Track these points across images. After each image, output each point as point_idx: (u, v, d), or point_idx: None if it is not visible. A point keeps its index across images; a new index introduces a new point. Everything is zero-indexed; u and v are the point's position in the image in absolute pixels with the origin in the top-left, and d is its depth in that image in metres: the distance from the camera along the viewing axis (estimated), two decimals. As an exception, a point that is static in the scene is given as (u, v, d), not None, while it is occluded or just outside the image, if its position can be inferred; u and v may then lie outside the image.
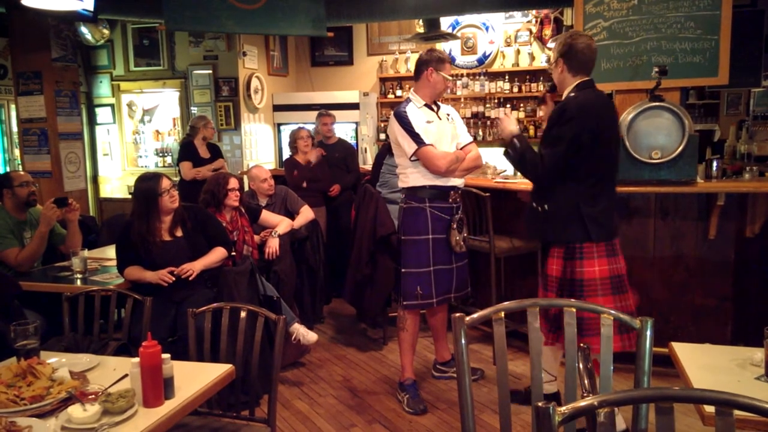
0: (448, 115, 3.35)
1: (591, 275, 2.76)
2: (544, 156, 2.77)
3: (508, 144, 2.94)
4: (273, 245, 4.04)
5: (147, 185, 3.23)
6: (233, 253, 3.70)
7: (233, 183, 3.94)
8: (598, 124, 2.74)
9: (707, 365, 1.82)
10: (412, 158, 3.17)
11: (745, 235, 3.53)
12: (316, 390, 3.65)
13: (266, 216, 4.23)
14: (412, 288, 3.30)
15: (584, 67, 2.82)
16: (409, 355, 3.45)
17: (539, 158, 2.80)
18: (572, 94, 2.80)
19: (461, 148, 3.31)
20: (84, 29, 6.27)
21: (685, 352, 1.92)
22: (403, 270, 3.33)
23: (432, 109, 3.27)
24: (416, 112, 3.21)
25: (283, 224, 4.17)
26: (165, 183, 3.24)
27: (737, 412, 1.10)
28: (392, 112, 3.27)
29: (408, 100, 3.28)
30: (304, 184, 5.12)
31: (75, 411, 1.64)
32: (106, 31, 6.50)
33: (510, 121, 3.00)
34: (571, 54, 2.80)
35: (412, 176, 3.25)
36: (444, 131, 3.26)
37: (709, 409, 1.47)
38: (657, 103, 3.40)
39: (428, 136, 3.16)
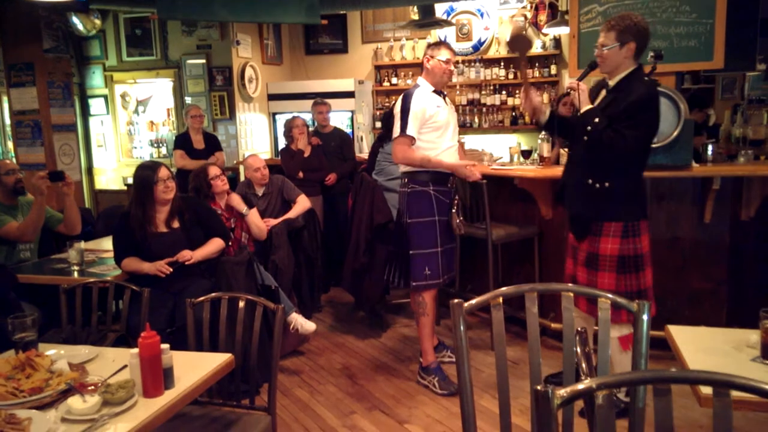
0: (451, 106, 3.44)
1: (647, 248, 2.90)
2: (628, 137, 2.70)
3: (586, 116, 2.80)
4: (270, 222, 4.19)
5: (145, 173, 3.23)
6: (231, 243, 3.70)
7: (213, 171, 3.99)
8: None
9: (703, 348, 1.83)
10: (394, 137, 3.27)
11: (740, 218, 3.54)
12: (315, 378, 3.67)
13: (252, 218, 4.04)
14: (421, 269, 3.34)
15: (642, 53, 2.84)
16: (431, 338, 3.48)
17: (621, 138, 2.71)
18: (646, 79, 2.80)
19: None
20: (75, 20, 6.21)
21: (681, 335, 1.93)
22: (411, 252, 3.35)
23: (439, 95, 3.34)
24: (427, 96, 3.27)
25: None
26: (162, 173, 3.23)
27: (734, 393, 1.11)
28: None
29: (417, 85, 3.34)
30: (300, 175, 5.11)
31: (75, 402, 1.64)
32: (97, 22, 6.44)
33: (585, 95, 2.87)
34: (643, 37, 2.73)
35: None
36: (451, 118, 3.36)
37: (706, 390, 1.48)
38: (653, 88, 3.40)
39: (439, 119, 3.25)
